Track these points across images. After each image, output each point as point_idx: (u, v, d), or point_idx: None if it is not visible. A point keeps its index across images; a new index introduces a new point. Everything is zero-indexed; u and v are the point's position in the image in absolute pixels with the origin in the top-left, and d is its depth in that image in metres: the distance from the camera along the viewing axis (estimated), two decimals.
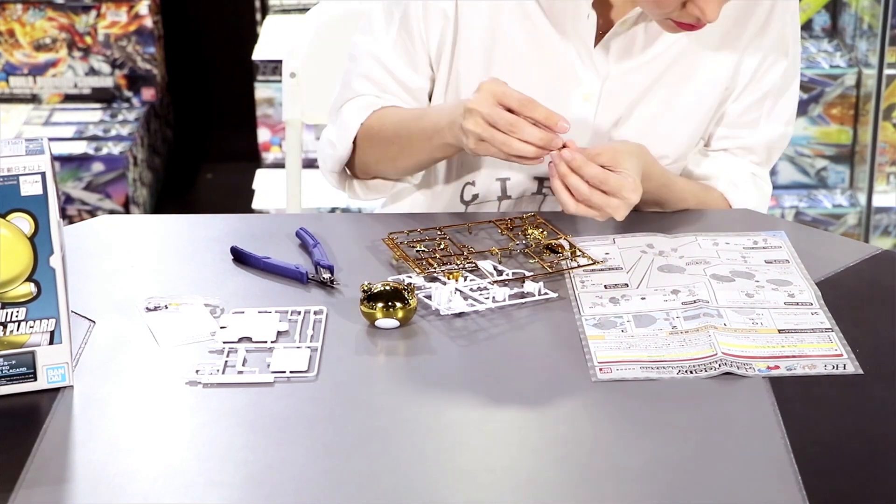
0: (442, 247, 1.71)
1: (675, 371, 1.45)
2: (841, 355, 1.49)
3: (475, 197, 1.93)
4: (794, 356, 1.48)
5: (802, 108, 3.55)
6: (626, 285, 1.62)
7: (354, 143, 1.88)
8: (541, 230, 1.73)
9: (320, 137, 1.95)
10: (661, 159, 1.86)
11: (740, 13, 1.85)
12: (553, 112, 1.65)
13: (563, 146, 1.66)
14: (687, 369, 1.45)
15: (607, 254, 1.69)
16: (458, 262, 1.66)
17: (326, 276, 1.63)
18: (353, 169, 1.93)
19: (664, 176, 1.84)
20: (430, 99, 1.91)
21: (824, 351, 1.49)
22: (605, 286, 1.62)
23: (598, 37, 1.84)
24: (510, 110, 1.65)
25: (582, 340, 1.51)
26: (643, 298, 1.59)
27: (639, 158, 1.74)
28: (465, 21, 1.85)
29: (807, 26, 3.74)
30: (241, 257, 1.69)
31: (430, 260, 1.66)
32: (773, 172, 3.55)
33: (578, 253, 1.68)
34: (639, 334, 1.52)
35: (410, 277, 1.60)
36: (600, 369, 1.45)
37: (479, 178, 1.92)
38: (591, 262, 1.66)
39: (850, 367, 1.47)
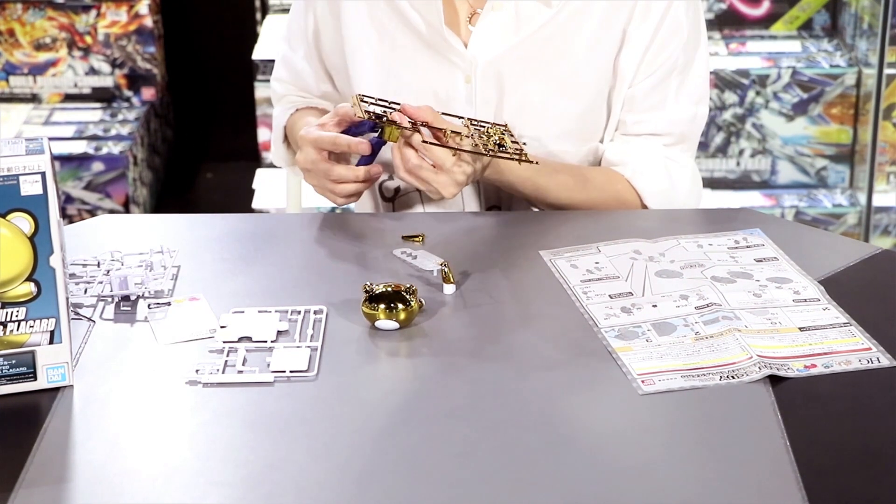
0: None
1: (717, 377, 1.43)
2: (870, 349, 1.48)
3: (398, 191, 1.95)
4: (824, 353, 1.47)
5: (802, 108, 3.55)
6: (631, 293, 1.61)
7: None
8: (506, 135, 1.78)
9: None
10: (557, 139, 1.87)
11: None
12: (355, 140, 1.75)
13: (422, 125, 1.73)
14: (728, 374, 1.43)
15: (597, 263, 1.68)
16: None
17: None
18: None
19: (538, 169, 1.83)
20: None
21: (852, 346, 1.49)
22: (610, 296, 1.60)
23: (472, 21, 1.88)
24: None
25: (611, 353, 1.48)
26: (654, 306, 1.57)
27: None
28: (347, 24, 1.91)
29: (807, 26, 3.73)
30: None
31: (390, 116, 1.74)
32: (773, 171, 3.58)
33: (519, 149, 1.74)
34: (665, 343, 1.50)
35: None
36: (643, 381, 1.42)
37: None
38: (517, 153, 1.73)
39: (884, 360, 1.46)
